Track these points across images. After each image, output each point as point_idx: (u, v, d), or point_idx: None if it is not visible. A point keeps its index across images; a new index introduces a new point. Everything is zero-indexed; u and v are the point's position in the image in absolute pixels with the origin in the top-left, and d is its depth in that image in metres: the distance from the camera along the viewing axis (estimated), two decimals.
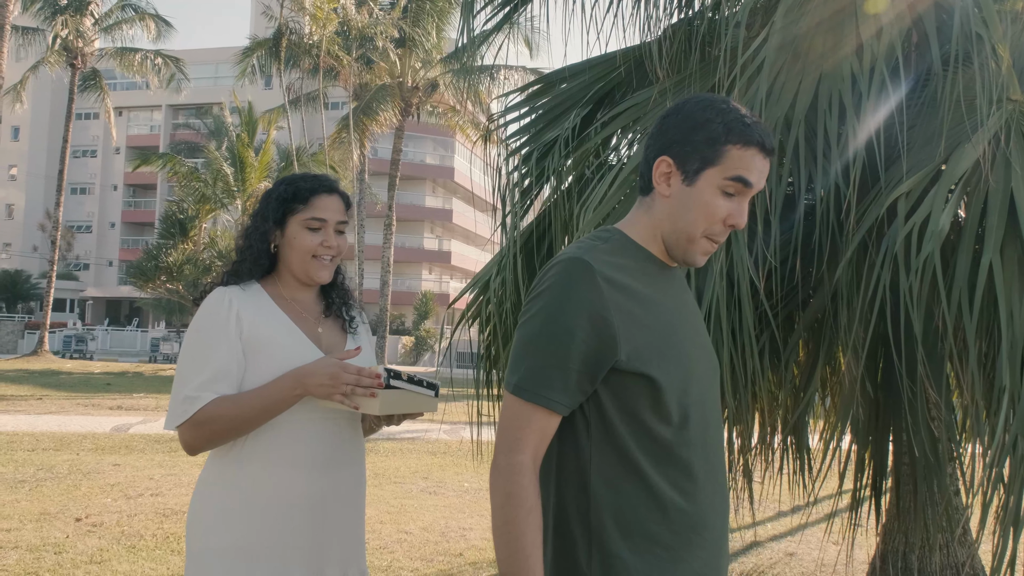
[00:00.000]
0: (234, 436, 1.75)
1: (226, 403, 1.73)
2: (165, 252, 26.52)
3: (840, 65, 2.88)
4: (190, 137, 43.98)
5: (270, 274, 1.91)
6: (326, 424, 1.84)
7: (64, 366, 24.61)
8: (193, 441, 1.75)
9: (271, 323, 1.83)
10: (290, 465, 1.79)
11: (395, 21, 24.30)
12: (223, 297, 1.81)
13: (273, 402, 1.74)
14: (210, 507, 1.80)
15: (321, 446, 1.83)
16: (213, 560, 1.76)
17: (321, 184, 1.89)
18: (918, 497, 3.39)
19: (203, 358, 1.76)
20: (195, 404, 1.72)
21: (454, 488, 7.44)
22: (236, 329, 1.78)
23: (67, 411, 12.71)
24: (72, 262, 50.93)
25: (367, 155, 27.31)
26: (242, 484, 1.78)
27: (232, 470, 1.79)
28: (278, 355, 1.79)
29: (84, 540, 5.08)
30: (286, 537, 1.78)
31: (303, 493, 1.79)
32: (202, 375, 1.74)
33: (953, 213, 2.54)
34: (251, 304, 1.83)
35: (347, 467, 1.88)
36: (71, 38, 27.57)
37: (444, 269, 49.94)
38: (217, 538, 1.77)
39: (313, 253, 1.86)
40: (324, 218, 1.86)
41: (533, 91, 4.57)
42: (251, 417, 1.73)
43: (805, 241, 3.08)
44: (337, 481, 1.85)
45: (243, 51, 26.27)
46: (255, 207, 1.93)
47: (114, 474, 7.42)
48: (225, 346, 1.76)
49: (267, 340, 1.80)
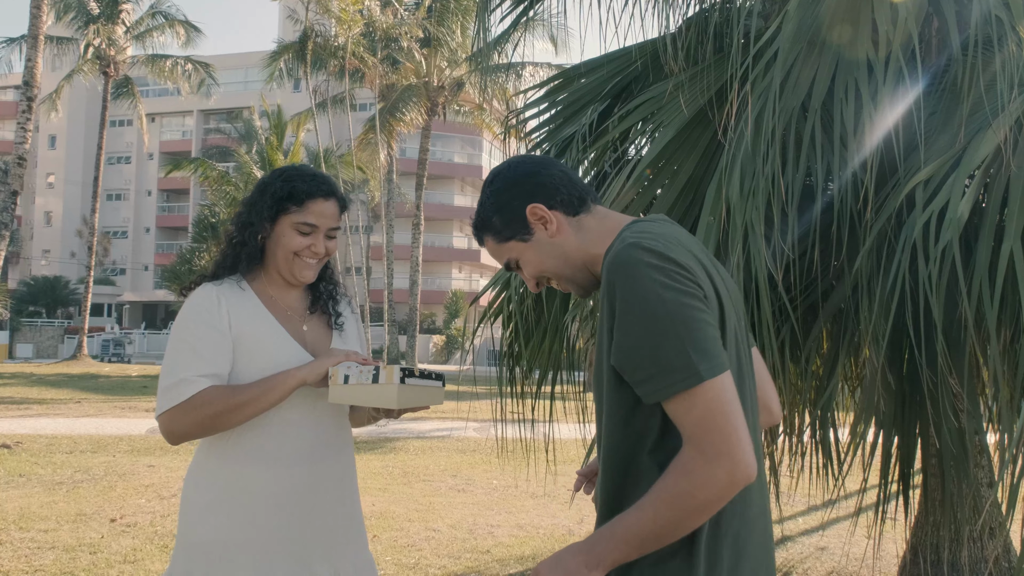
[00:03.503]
0: (223, 426, 1.71)
1: (221, 389, 1.71)
2: (198, 256, 26.92)
3: (857, 53, 2.84)
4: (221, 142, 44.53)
5: (254, 270, 1.88)
6: (309, 418, 1.83)
7: (102, 370, 25.11)
8: (179, 427, 1.70)
9: (256, 322, 1.81)
10: (273, 460, 1.78)
11: (420, 21, 24.38)
12: (211, 293, 1.79)
13: (268, 388, 1.71)
14: (195, 501, 1.80)
15: (303, 440, 1.82)
16: (198, 554, 1.77)
17: (319, 188, 1.83)
18: (946, 490, 3.33)
19: (197, 349, 1.73)
20: (192, 387, 1.69)
21: (483, 485, 7.46)
22: (226, 325, 1.76)
23: (104, 414, 12.98)
24: (109, 267, 51.95)
25: (395, 155, 27.46)
26: (225, 478, 1.77)
27: (216, 464, 1.79)
28: (263, 354, 1.78)
29: (118, 540, 5.18)
30: (269, 531, 1.77)
31: (286, 487, 1.78)
32: (197, 364, 1.71)
33: (973, 200, 2.50)
34: (236, 302, 1.81)
35: (331, 460, 1.86)
36: (103, 46, 28.08)
37: (474, 268, 50.06)
38: (202, 532, 1.77)
39: (296, 253, 1.84)
40: (316, 224, 1.83)
41: (552, 87, 4.56)
42: (245, 402, 1.69)
43: (824, 232, 3.04)
44: (321, 474, 1.84)
45: (270, 55, 26.54)
46: (248, 196, 1.88)
47: (148, 475, 7.56)
48: (218, 339, 1.75)
49: (252, 339, 1.78)
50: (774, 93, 2.77)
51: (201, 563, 1.76)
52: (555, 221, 1.44)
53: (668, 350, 1.17)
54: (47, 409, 13.46)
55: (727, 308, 1.29)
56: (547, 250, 1.46)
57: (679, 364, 1.16)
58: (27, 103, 12.03)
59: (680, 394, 1.16)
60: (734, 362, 1.28)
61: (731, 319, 1.30)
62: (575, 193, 1.45)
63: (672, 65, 3.53)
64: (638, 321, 1.20)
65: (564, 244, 1.45)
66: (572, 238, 1.45)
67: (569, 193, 1.45)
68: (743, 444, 1.14)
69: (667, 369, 1.17)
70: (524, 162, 1.49)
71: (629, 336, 1.21)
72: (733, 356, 1.29)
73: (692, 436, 1.16)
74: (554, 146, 4.18)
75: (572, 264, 1.46)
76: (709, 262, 1.36)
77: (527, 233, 1.46)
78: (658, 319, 1.19)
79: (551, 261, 1.47)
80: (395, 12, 25.34)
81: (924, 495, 3.60)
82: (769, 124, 2.75)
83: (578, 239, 1.45)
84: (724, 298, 1.29)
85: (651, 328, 1.19)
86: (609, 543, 1.21)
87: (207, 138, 50.52)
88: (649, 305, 1.19)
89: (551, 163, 1.48)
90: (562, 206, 1.45)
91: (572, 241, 1.45)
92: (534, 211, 1.44)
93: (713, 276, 1.30)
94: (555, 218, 1.44)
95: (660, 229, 1.33)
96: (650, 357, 1.19)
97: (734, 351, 1.29)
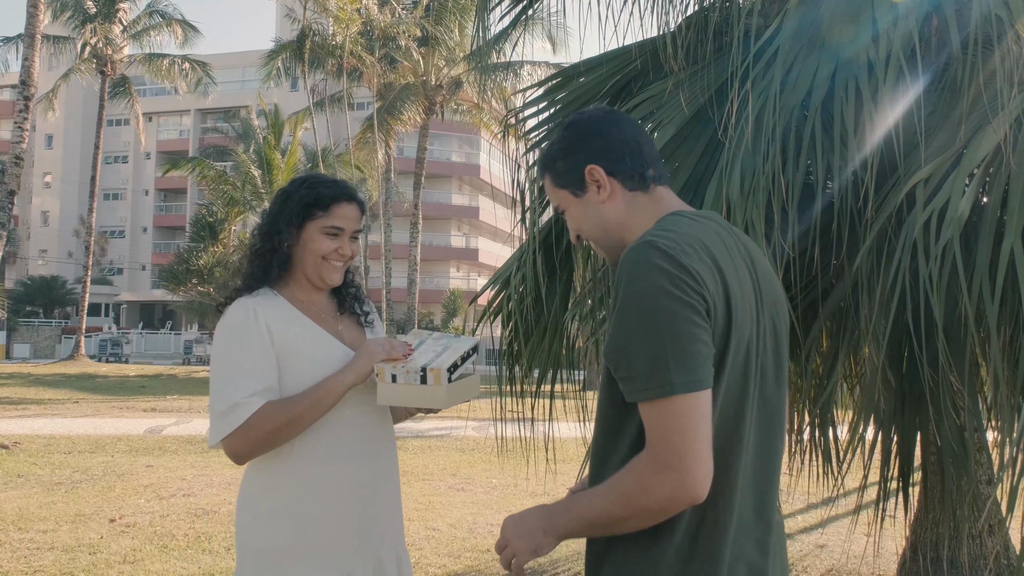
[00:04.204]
0: (283, 440, 1.76)
1: (275, 406, 1.74)
2: (196, 255, 26.82)
3: (857, 52, 2.84)
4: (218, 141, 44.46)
5: (282, 278, 1.93)
6: (362, 415, 1.89)
7: (100, 370, 25.08)
8: (242, 448, 1.74)
9: (297, 327, 1.85)
10: (334, 459, 1.83)
11: (418, 20, 24.36)
12: (247, 307, 1.82)
13: (321, 395, 1.76)
14: (256, 507, 1.83)
15: (360, 437, 1.88)
16: (269, 559, 1.79)
17: (342, 192, 1.91)
18: (946, 487, 3.33)
19: (243, 368, 1.76)
20: (246, 409, 1.72)
21: (482, 485, 7.46)
22: (268, 338, 1.79)
23: (102, 414, 12.96)
24: (106, 267, 51.87)
25: (392, 154, 27.44)
26: (288, 482, 1.80)
27: (276, 469, 1.81)
28: (310, 357, 1.82)
29: (118, 540, 5.17)
30: (338, 530, 1.82)
31: (349, 484, 1.84)
32: (246, 384, 1.74)
33: (973, 198, 2.50)
34: (274, 312, 1.85)
35: (384, 455, 1.94)
36: (100, 46, 28.04)
37: (472, 266, 50.04)
38: (270, 536, 1.80)
39: (325, 256, 1.89)
40: (343, 227, 1.90)
41: (551, 86, 4.56)
42: (301, 414, 1.74)
43: (824, 230, 3.04)
44: (377, 469, 1.91)
45: (268, 54, 26.49)
46: (271, 206, 1.93)
47: (147, 475, 7.56)
48: (262, 355, 1.77)
49: (297, 345, 1.82)
50: (775, 91, 2.77)
51: (274, 568, 1.78)
52: (609, 188, 1.42)
53: (650, 356, 1.19)
54: (45, 409, 13.44)
55: (738, 321, 1.25)
56: (591, 213, 1.45)
57: (657, 372, 1.18)
58: (24, 102, 12.01)
59: (652, 401, 1.19)
60: (739, 376, 1.26)
61: (743, 332, 1.26)
62: (639, 168, 1.42)
63: (672, 63, 3.52)
64: (631, 321, 1.21)
65: (609, 214, 1.43)
66: (619, 211, 1.43)
67: (633, 166, 1.42)
68: (695, 465, 1.16)
69: (645, 374, 1.19)
70: (603, 119, 1.45)
71: (619, 333, 1.23)
72: (740, 366, 1.26)
73: (651, 443, 1.19)
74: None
75: (609, 235, 1.45)
76: (745, 267, 1.32)
77: (580, 189, 1.45)
78: (650, 323, 1.19)
79: (591, 225, 1.46)
80: (393, 11, 25.31)
81: (924, 492, 3.60)
82: (770, 122, 2.75)
83: (624, 214, 1.43)
84: (737, 311, 1.25)
85: (641, 331, 1.20)
86: (565, 517, 1.29)
87: (204, 137, 50.45)
88: (645, 308, 1.20)
89: (629, 128, 1.44)
90: (622, 176, 1.42)
91: (618, 214, 1.43)
92: (592, 172, 1.42)
93: (730, 286, 1.26)
94: (610, 185, 1.42)
95: (687, 229, 1.31)
96: (634, 358, 1.20)
97: (740, 366, 1.26)
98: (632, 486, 1.20)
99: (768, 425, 1.32)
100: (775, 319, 1.37)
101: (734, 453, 1.26)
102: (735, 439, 1.26)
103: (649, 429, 1.20)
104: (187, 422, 12.05)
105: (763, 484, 1.32)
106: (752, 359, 1.29)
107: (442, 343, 1.92)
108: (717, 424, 1.24)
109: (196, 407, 14.31)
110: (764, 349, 1.33)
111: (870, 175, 2.64)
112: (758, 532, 1.29)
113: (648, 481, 1.18)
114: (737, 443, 1.26)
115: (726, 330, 1.24)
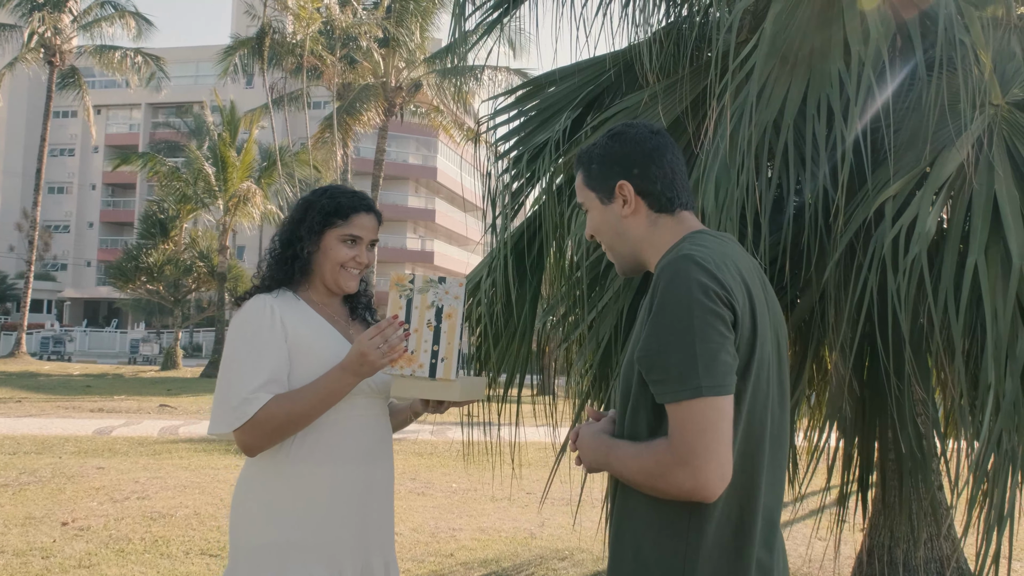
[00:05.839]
0: (292, 432, 1.82)
1: (282, 400, 1.80)
2: (145, 252, 26.25)
3: (828, 69, 2.94)
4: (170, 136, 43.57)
5: (301, 282, 2.00)
6: (365, 419, 1.94)
7: (42, 368, 24.34)
8: (253, 441, 1.80)
9: (311, 326, 1.92)
10: (333, 462, 1.87)
11: (379, 21, 24.21)
12: (264, 303, 1.90)
13: (328, 392, 1.81)
14: (253, 504, 1.87)
15: (363, 440, 1.92)
16: (264, 556, 1.82)
17: (361, 203, 2.00)
18: (903, 492, 3.45)
19: (254, 362, 1.82)
20: (253, 405, 1.78)
21: (442, 488, 7.45)
22: (282, 333, 1.86)
23: (47, 414, 12.59)
24: (50, 262, 50.36)
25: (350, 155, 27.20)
26: (287, 482, 1.85)
27: (279, 467, 1.85)
28: (321, 355, 1.88)
29: (72, 544, 5.05)
30: (337, 530, 1.86)
31: (350, 486, 1.88)
32: (256, 378, 1.80)
33: (939, 215, 2.60)
34: (290, 309, 1.92)
35: (384, 459, 1.99)
36: (49, 35, 27.26)
37: (427, 269, 49.86)
38: (267, 534, 1.83)
39: (343, 264, 1.97)
40: (361, 236, 1.98)
41: (522, 94, 4.59)
42: (307, 410, 1.80)
43: (794, 242, 3.14)
44: (377, 473, 1.95)
45: (225, 50, 26.05)
46: (292, 214, 2.01)
47: (99, 477, 7.37)
48: (274, 349, 1.84)
49: (310, 342, 1.89)
50: (750, 106, 2.85)
51: (270, 565, 1.81)
52: (634, 206, 1.49)
53: (681, 361, 1.27)
54: None
55: (761, 334, 1.35)
56: (612, 223, 1.52)
57: (687, 376, 1.27)
58: None
59: (679, 402, 1.28)
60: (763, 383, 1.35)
61: (765, 345, 1.36)
62: (668, 194, 1.49)
63: (648, 76, 3.59)
64: (667, 329, 1.29)
65: (630, 229, 1.50)
66: (641, 229, 1.50)
67: (663, 191, 1.49)
68: (711, 464, 1.26)
69: (676, 377, 1.28)
70: (648, 139, 1.50)
71: (655, 339, 1.31)
72: (764, 377, 1.35)
73: (673, 439, 1.29)
74: (526, 152, 4.21)
75: (625, 246, 1.52)
76: (759, 284, 1.41)
77: (608, 198, 1.52)
78: (684, 332, 1.27)
79: (609, 232, 1.53)
80: (354, 11, 25.12)
81: (882, 497, 3.72)
82: (745, 136, 2.83)
83: (645, 233, 1.50)
84: (761, 324, 1.35)
85: (675, 339, 1.28)
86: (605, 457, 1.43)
87: (155, 132, 49.32)
88: (681, 318, 1.28)
89: (669, 155, 1.50)
90: (650, 199, 1.49)
91: (639, 231, 1.50)
92: (622, 188, 1.49)
93: (755, 298, 1.36)
94: (636, 204, 1.49)
95: (718, 247, 1.39)
96: (667, 363, 1.29)
97: (765, 376, 1.36)
98: (653, 468, 1.31)
99: (778, 431, 1.40)
100: (778, 334, 1.45)
101: (759, 455, 1.35)
102: (760, 442, 1.35)
103: (674, 427, 1.29)
104: (137, 423, 11.78)
105: (773, 486, 1.40)
106: (772, 371, 1.38)
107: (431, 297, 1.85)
108: (745, 428, 1.33)
109: (145, 408, 13.99)
110: (776, 361, 1.42)
111: (840, 190, 2.73)
112: (765, 532, 1.36)
113: (666, 470, 1.28)
114: (761, 446, 1.35)
115: (751, 341, 1.33)
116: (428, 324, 1.83)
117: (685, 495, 1.28)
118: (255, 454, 1.83)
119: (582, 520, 5.70)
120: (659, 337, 1.30)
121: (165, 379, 21.84)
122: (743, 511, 1.33)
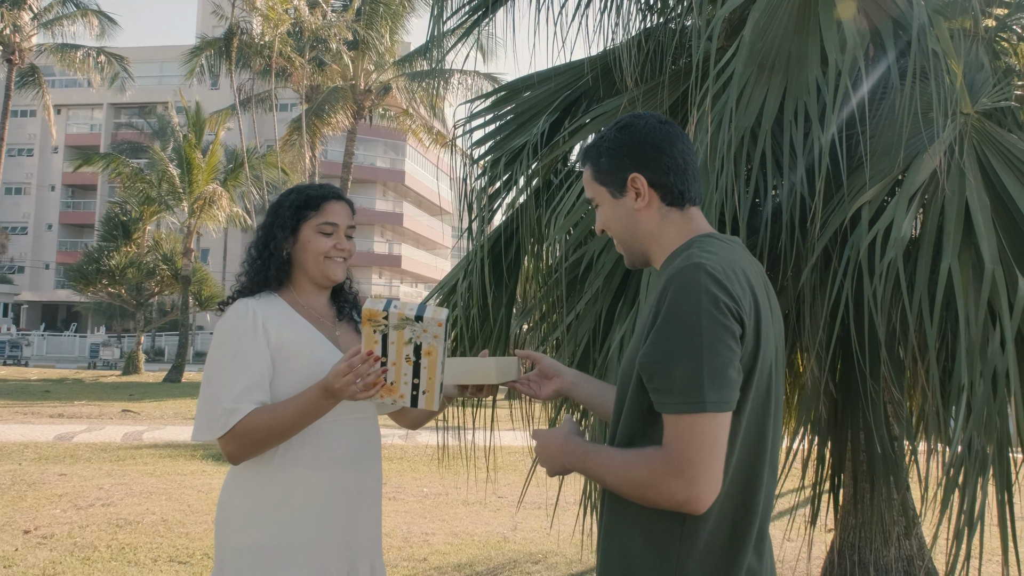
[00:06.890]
0: (275, 444, 1.80)
1: (264, 414, 1.77)
2: (107, 255, 25.75)
3: (806, 76, 2.99)
4: (133, 137, 42.83)
5: (283, 283, 1.97)
6: (354, 424, 1.92)
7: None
8: (236, 451, 1.78)
9: (295, 329, 1.90)
10: (322, 466, 1.85)
11: (349, 23, 24.09)
12: (247, 308, 1.88)
13: (307, 412, 1.77)
14: (240, 507, 1.85)
15: (349, 446, 1.90)
16: (250, 559, 1.80)
17: (330, 191, 1.98)
18: (874, 492, 3.51)
19: (237, 369, 1.80)
20: (234, 416, 1.76)
21: (414, 493, 7.42)
22: (264, 338, 1.84)
23: (5, 419, 12.28)
24: (6, 264, 49.17)
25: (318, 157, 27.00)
26: (274, 485, 1.83)
27: (266, 471, 1.83)
28: (305, 359, 1.85)
29: (35, 552, 4.93)
30: (322, 534, 1.83)
31: (334, 492, 1.86)
32: (238, 385, 1.78)
33: (912, 221, 2.66)
34: (273, 313, 1.90)
35: (372, 462, 1.97)
36: (7, 32, 26.65)
37: (394, 273, 49.62)
38: (253, 537, 1.81)
39: (327, 255, 1.94)
40: (336, 223, 1.95)
41: (498, 98, 4.60)
42: (289, 426, 1.77)
43: (770, 247, 3.18)
44: (364, 478, 1.93)
45: (192, 50, 25.72)
46: (264, 219, 1.99)
47: (61, 484, 7.21)
48: (257, 356, 1.82)
49: (294, 346, 1.87)
50: (729, 111, 2.89)
51: (256, 567, 1.79)
52: (647, 199, 1.47)
53: (687, 373, 1.25)
54: None
55: (765, 340, 1.34)
56: (624, 217, 1.50)
57: (692, 389, 1.25)
58: None
59: (681, 415, 1.26)
60: (763, 392, 1.35)
61: (768, 352, 1.35)
62: (680, 187, 1.47)
63: (627, 80, 3.62)
64: (673, 338, 1.27)
65: (641, 222, 1.48)
66: (653, 223, 1.48)
67: (675, 183, 1.46)
68: (704, 479, 1.25)
69: (680, 389, 1.26)
70: (658, 129, 1.47)
71: (660, 346, 1.29)
72: (764, 386, 1.35)
73: (669, 449, 1.27)
74: (503, 156, 4.22)
75: (636, 240, 1.50)
76: (764, 291, 1.40)
77: (619, 192, 1.49)
78: (691, 342, 1.26)
79: (620, 227, 1.51)
80: (323, 13, 24.96)
81: (854, 497, 3.78)
82: (724, 141, 2.86)
83: (656, 227, 1.48)
84: (765, 330, 1.34)
85: (681, 348, 1.26)
86: (582, 463, 1.41)
87: (117, 132, 48.43)
88: (689, 327, 1.26)
89: (680, 145, 1.48)
90: (663, 191, 1.47)
91: (650, 225, 1.48)
92: (635, 180, 1.46)
93: (761, 307, 1.34)
94: (649, 196, 1.47)
95: (727, 253, 1.38)
96: (671, 373, 1.27)
97: (764, 386, 1.35)
98: (644, 478, 1.29)
99: (774, 439, 1.40)
100: (778, 344, 1.45)
101: (758, 464, 1.34)
102: (760, 451, 1.34)
103: (670, 438, 1.27)
104: (99, 428, 11.54)
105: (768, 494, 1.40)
106: (773, 379, 1.37)
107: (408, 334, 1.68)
108: (743, 438, 1.32)
109: (107, 413, 13.72)
110: (774, 370, 1.41)
111: (819, 196, 2.78)
112: (756, 539, 1.36)
113: (658, 480, 1.27)
114: (761, 455, 1.35)
115: (754, 352, 1.32)
116: (407, 359, 1.70)
117: (675, 506, 1.27)
118: (239, 463, 1.82)
119: (556, 523, 5.71)
120: (665, 345, 1.28)
121: (127, 384, 21.45)
122: (739, 519, 1.33)
